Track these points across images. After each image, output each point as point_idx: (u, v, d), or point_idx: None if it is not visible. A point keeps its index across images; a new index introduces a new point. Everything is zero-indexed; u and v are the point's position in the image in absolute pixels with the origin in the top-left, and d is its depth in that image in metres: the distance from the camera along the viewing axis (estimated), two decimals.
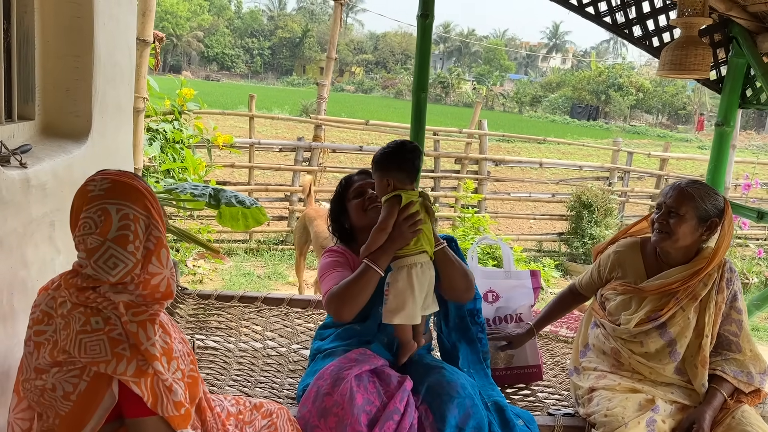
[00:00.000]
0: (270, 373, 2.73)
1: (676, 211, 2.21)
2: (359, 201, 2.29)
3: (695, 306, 2.26)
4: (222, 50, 55.44)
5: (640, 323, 2.29)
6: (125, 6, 3.04)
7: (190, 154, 4.80)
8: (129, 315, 1.45)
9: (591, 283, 2.56)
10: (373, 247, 2.09)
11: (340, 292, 2.08)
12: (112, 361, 1.40)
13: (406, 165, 2.11)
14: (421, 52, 3.46)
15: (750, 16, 3.54)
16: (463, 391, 2.04)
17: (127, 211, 1.46)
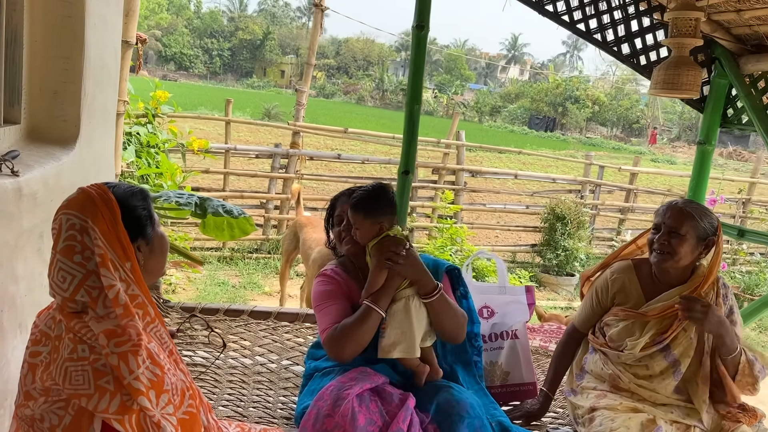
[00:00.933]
0: (262, 391, 2.66)
1: (677, 230, 2.21)
2: (338, 230, 2.26)
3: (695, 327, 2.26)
4: (180, 50, 54.46)
5: (645, 347, 2.28)
6: (113, 6, 2.91)
7: (166, 158, 4.65)
8: (111, 346, 1.34)
9: (591, 315, 2.51)
10: (373, 288, 2.08)
11: (342, 335, 2.05)
12: (94, 395, 1.31)
13: (394, 209, 2.17)
14: (415, 63, 3.43)
15: (733, 38, 3.63)
16: (472, 411, 2.02)
17: (74, 221, 1.39)
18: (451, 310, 2.19)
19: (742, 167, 26.16)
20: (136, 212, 1.49)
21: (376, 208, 2.12)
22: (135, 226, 1.48)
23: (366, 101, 49.51)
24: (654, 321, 2.29)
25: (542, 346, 3.41)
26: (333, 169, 10.00)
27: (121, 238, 1.42)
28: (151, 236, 1.53)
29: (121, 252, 1.41)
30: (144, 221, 1.51)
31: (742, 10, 3.31)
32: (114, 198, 1.44)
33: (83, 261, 1.37)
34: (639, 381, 2.31)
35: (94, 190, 1.44)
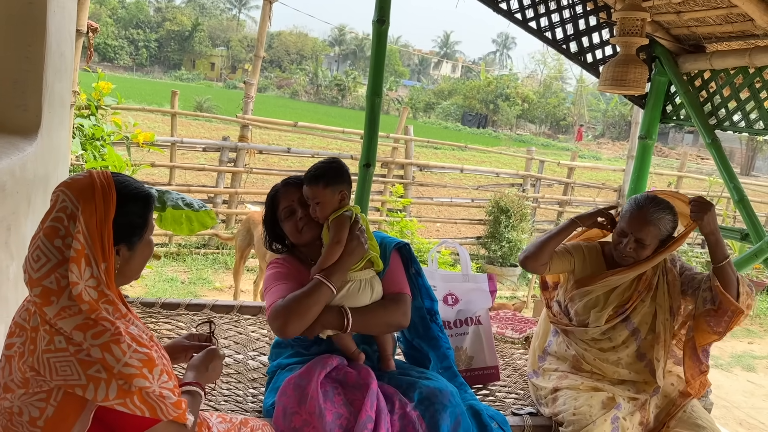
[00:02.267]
0: (231, 384, 2.64)
1: (643, 241, 2.36)
2: (291, 222, 2.17)
3: (651, 295, 2.45)
4: (104, 40, 52.25)
5: (609, 319, 2.43)
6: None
7: (113, 151, 4.49)
8: (89, 339, 1.30)
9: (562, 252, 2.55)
10: (326, 264, 2.03)
11: (288, 305, 1.96)
12: (89, 386, 1.28)
13: (349, 176, 2.17)
14: (376, 57, 3.47)
15: (672, 38, 3.84)
16: (453, 400, 2.07)
17: (66, 204, 1.35)
18: None
19: (663, 162, 27.52)
20: (131, 218, 1.44)
21: (335, 176, 2.10)
22: (124, 230, 1.43)
23: (300, 96, 49.00)
24: (616, 293, 2.45)
25: (499, 332, 3.53)
26: (272, 164, 9.91)
27: (105, 239, 1.37)
28: (135, 244, 1.47)
29: (100, 252, 1.37)
30: (135, 229, 1.46)
31: (682, 12, 3.50)
32: (115, 196, 1.39)
33: (63, 247, 1.33)
34: (604, 354, 2.45)
35: (100, 179, 1.40)
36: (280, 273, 2.16)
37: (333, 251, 2.04)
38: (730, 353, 5.95)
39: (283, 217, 2.19)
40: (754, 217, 3.43)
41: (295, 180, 2.23)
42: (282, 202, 2.18)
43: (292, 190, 2.19)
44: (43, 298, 1.32)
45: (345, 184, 2.13)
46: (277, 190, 2.23)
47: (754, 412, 4.70)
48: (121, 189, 1.42)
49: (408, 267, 2.36)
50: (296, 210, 2.16)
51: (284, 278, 2.13)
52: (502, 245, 7.56)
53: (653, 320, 2.45)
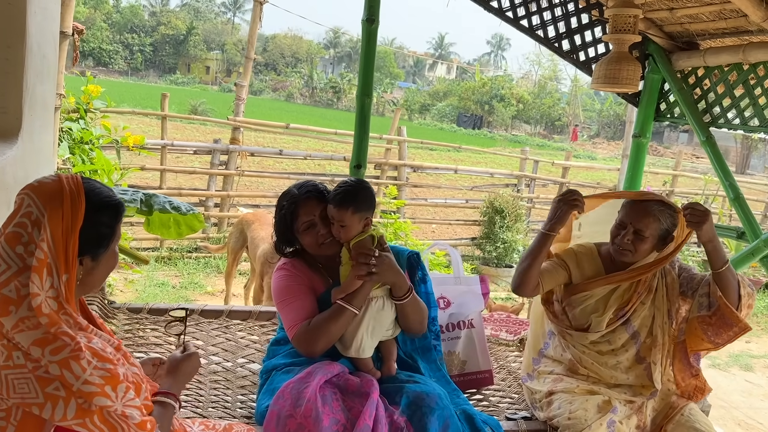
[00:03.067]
0: (219, 390, 2.59)
1: (641, 233, 2.30)
2: (311, 235, 2.15)
3: (651, 297, 2.40)
4: (99, 45, 52.24)
5: (610, 323, 2.38)
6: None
7: (102, 155, 4.44)
8: (47, 355, 1.24)
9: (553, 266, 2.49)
10: (349, 289, 2.06)
11: (315, 332, 2.04)
12: (46, 404, 1.23)
13: (375, 201, 2.17)
14: (366, 56, 3.41)
15: (665, 35, 3.80)
16: (441, 402, 2.03)
17: (32, 210, 1.29)
18: (419, 308, 2.22)
19: (658, 161, 27.57)
20: (99, 229, 1.38)
21: (364, 203, 2.10)
22: (91, 241, 1.37)
23: (295, 98, 49.00)
24: (616, 296, 2.39)
25: (493, 335, 3.48)
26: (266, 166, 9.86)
27: (69, 250, 1.31)
28: (101, 254, 1.41)
29: (63, 262, 1.31)
30: (102, 240, 1.40)
31: (675, 9, 3.46)
32: (84, 204, 1.33)
33: (24, 254, 1.27)
34: (603, 358, 2.40)
35: (70, 185, 1.33)
36: (291, 287, 2.17)
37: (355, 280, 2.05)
38: (728, 352, 5.91)
39: (301, 228, 2.15)
40: (750, 216, 3.39)
41: (315, 191, 2.18)
42: (302, 215, 2.14)
43: (313, 204, 2.14)
44: (1, 307, 1.25)
45: (371, 210, 2.14)
46: (297, 200, 2.16)
47: (752, 412, 4.66)
48: (92, 197, 1.36)
49: (414, 274, 2.35)
50: (317, 225, 2.13)
51: (297, 292, 2.15)
52: (497, 246, 7.53)
53: (652, 323, 2.40)
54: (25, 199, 1.30)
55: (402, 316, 2.20)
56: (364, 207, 2.10)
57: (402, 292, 2.13)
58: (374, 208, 2.17)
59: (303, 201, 2.14)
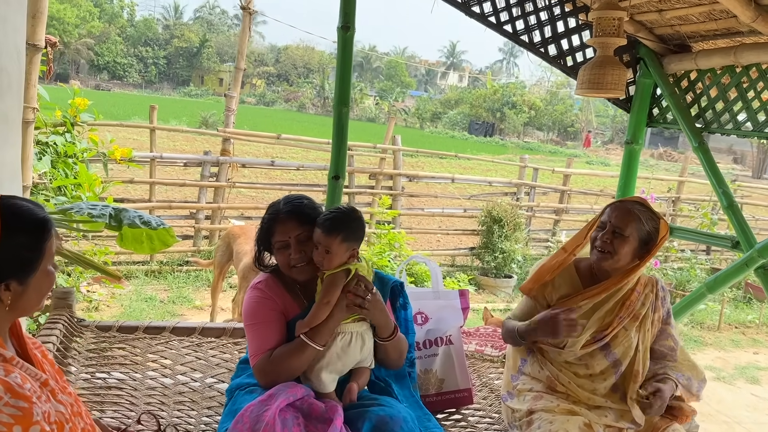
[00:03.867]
0: (183, 412, 2.50)
1: (621, 231, 2.20)
2: (284, 255, 2.05)
3: (636, 325, 2.28)
4: (113, 59, 52.95)
5: (586, 345, 2.27)
6: (14, 5, 2.70)
7: (85, 169, 4.39)
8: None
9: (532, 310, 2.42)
10: (314, 322, 1.96)
11: (275, 366, 1.98)
12: None
13: (364, 233, 2.08)
14: (342, 65, 3.32)
15: (656, 38, 3.69)
16: (405, 426, 1.93)
17: None
18: (400, 346, 2.15)
19: (672, 167, 27.25)
20: (19, 252, 1.30)
21: (354, 233, 2.01)
22: (12, 266, 1.29)
23: (307, 108, 49.24)
24: (595, 318, 2.28)
25: (478, 350, 3.36)
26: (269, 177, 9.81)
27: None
28: (28, 276, 1.32)
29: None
30: (24, 264, 1.31)
31: (664, 10, 3.36)
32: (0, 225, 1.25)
33: None
34: (579, 380, 2.29)
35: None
36: (260, 311, 2.07)
37: (320, 311, 1.96)
38: (734, 365, 5.72)
39: (276, 247, 2.06)
40: (744, 224, 3.25)
41: (298, 211, 2.06)
42: (278, 233, 2.04)
43: (292, 224, 2.03)
44: None
45: (359, 242, 2.04)
46: (276, 216, 2.06)
47: (756, 427, 4.48)
48: (9, 219, 1.27)
49: (395, 300, 2.28)
50: (290, 246, 2.03)
51: (264, 317, 2.06)
52: (495, 256, 7.38)
53: (635, 355, 2.27)
54: None
55: (382, 352, 2.12)
56: (353, 237, 2.00)
57: (387, 333, 2.06)
58: (362, 240, 2.07)
59: (282, 219, 2.04)
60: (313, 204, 2.11)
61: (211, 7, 68.64)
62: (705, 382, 2.38)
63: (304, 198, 2.13)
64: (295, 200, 2.10)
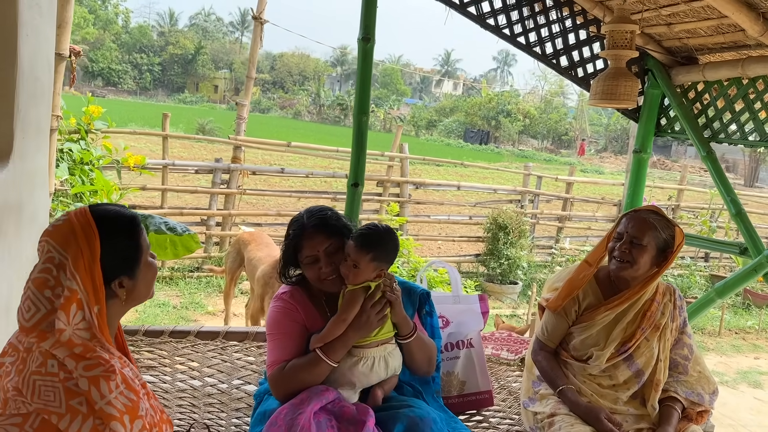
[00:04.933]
0: (213, 414, 2.57)
1: (639, 241, 2.25)
2: (314, 269, 2.05)
3: (657, 335, 2.34)
4: (108, 65, 52.90)
5: (611, 357, 2.32)
6: (47, 17, 2.77)
7: (101, 175, 4.46)
8: (80, 369, 1.29)
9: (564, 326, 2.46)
10: (329, 338, 1.97)
11: (286, 378, 1.98)
12: (65, 416, 1.26)
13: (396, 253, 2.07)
14: (362, 75, 3.41)
15: (664, 50, 3.79)
16: (436, 426, 1.98)
17: (53, 255, 1.35)
18: (425, 347, 2.17)
19: (666, 175, 27.47)
20: (121, 252, 1.43)
21: (387, 254, 2.01)
22: (119, 265, 1.42)
23: (303, 116, 49.31)
24: (617, 330, 2.33)
25: (494, 354, 3.43)
26: (273, 184, 9.90)
27: (95, 279, 1.36)
28: (135, 270, 1.46)
29: (93, 295, 1.36)
30: (128, 258, 1.44)
31: (672, 24, 3.45)
32: (97, 233, 1.38)
33: (52, 297, 1.33)
34: (602, 391, 2.34)
35: (79, 220, 1.39)
36: (282, 322, 2.09)
37: (336, 327, 1.97)
38: (736, 369, 5.82)
39: (304, 259, 2.06)
40: (752, 231, 3.34)
41: (324, 224, 2.06)
42: (306, 248, 2.04)
43: (321, 238, 2.03)
44: (39, 338, 1.33)
45: (389, 263, 2.03)
46: (303, 231, 2.05)
47: (761, 430, 4.57)
48: (102, 224, 1.40)
49: (421, 308, 2.31)
50: (320, 261, 2.04)
51: (286, 329, 2.07)
52: (501, 262, 7.47)
53: (656, 364, 2.33)
54: (45, 246, 1.37)
55: (408, 355, 2.14)
56: (384, 258, 2.00)
57: (407, 331, 2.09)
58: (392, 262, 2.06)
59: (309, 234, 2.04)
60: (336, 214, 2.12)
61: (207, 14, 68.78)
62: (717, 394, 2.42)
63: (327, 209, 2.13)
64: (319, 212, 2.09)
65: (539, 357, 2.51)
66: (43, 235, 1.39)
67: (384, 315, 1.99)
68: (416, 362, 2.17)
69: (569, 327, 2.45)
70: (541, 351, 2.52)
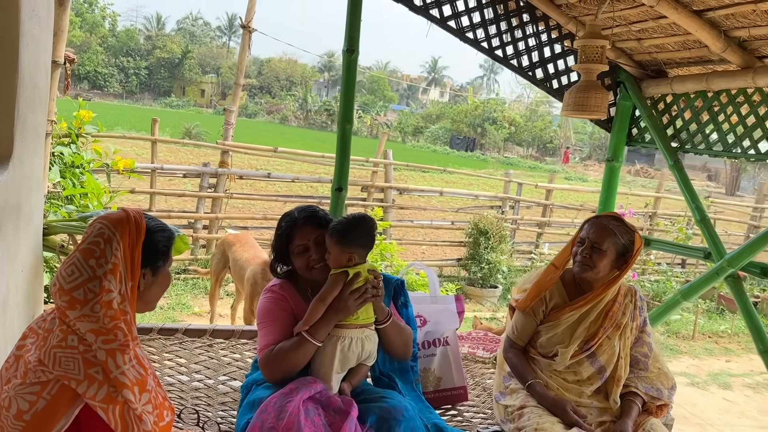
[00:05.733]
0: (200, 407, 2.66)
1: (599, 246, 2.41)
2: (303, 258, 2.23)
3: (618, 334, 2.49)
4: (94, 68, 52.62)
5: (575, 355, 2.48)
6: (44, 26, 2.90)
7: (92, 179, 4.55)
8: (99, 342, 1.44)
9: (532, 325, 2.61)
10: (311, 320, 2.11)
11: (275, 360, 2.11)
12: (84, 381, 1.41)
13: (370, 242, 2.21)
14: (346, 84, 3.56)
15: (635, 63, 3.97)
16: (407, 414, 2.11)
17: (104, 231, 1.52)
18: (401, 331, 2.32)
19: (649, 183, 27.83)
20: (157, 244, 1.63)
21: (353, 241, 2.15)
22: (151, 254, 1.61)
23: (290, 121, 49.31)
24: (582, 329, 2.49)
25: (470, 353, 3.56)
26: (259, 188, 10.01)
27: (135, 259, 1.55)
28: (159, 269, 1.66)
29: (130, 271, 1.53)
30: (159, 254, 1.64)
31: (642, 39, 3.63)
32: (145, 225, 1.59)
33: (96, 266, 1.48)
34: (567, 385, 2.50)
35: (132, 212, 1.59)
36: (273, 310, 2.23)
37: (316, 307, 2.12)
38: (707, 371, 6.01)
39: (294, 249, 2.23)
40: (715, 236, 3.52)
41: (314, 217, 2.26)
42: (297, 237, 2.22)
43: (310, 228, 2.22)
44: (69, 304, 1.46)
45: (358, 248, 2.16)
46: (294, 222, 2.24)
47: (727, 429, 4.75)
48: (149, 222, 1.63)
49: (397, 299, 2.47)
50: (310, 249, 2.21)
51: (276, 316, 2.22)
52: (482, 266, 7.64)
53: (617, 361, 2.49)
54: (98, 224, 1.54)
55: (385, 340, 2.28)
56: (348, 242, 2.14)
57: (383, 316, 2.23)
58: (361, 247, 2.18)
59: (301, 224, 2.22)
60: (324, 211, 2.31)
61: (194, 19, 68.61)
62: (675, 389, 2.58)
63: (316, 206, 2.34)
64: (309, 208, 2.30)
65: (509, 354, 2.67)
66: (97, 219, 1.57)
67: (362, 301, 2.13)
68: (393, 346, 2.32)
69: (537, 326, 2.60)
70: (511, 349, 2.67)
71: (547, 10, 3.78)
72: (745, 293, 3.39)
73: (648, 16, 3.38)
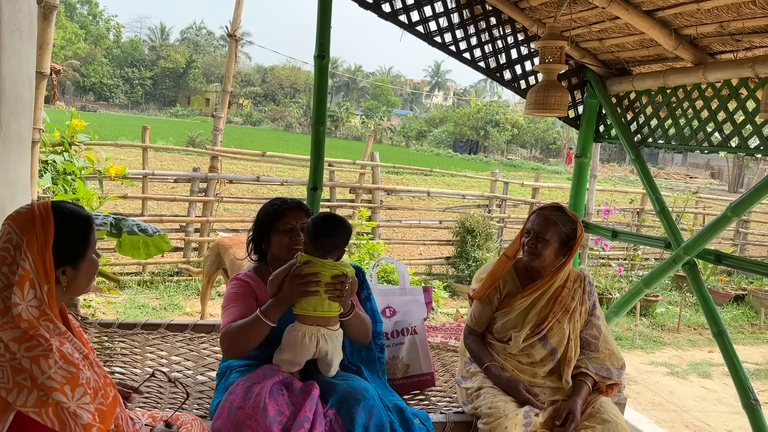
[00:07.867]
0: (178, 395, 2.80)
1: (543, 236, 2.58)
2: (286, 237, 2.42)
3: (568, 317, 2.65)
4: (100, 80, 53.16)
5: (527, 338, 2.64)
6: (27, 39, 3.07)
7: (83, 185, 4.75)
8: (21, 351, 1.48)
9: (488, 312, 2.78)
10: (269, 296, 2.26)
11: (231, 334, 2.23)
12: (13, 390, 1.45)
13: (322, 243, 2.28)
14: (318, 89, 3.72)
15: (600, 63, 4.10)
16: (367, 394, 2.26)
17: (12, 236, 1.54)
18: (362, 322, 2.47)
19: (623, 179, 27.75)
20: (70, 241, 1.62)
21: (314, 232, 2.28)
22: (65, 253, 1.61)
23: (294, 128, 49.58)
24: (533, 314, 2.65)
25: (443, 342, 3.71)
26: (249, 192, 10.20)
27: (46, 263, 1.55)
28: (79, 263, 1.64)
29: (43, 275, 1.55)
30: (75, 250, 1.63)
31: (603, 39, 3.76)
32: (53, 223, 1.58)
33: (9, 273, 1.52)
34: (522, 367, 2.66)
35: (40, 210, 1.59)
36: (237, 294, 2.40)
37: (269, 286, 2.28)
38: (689, 361, 6.11)
39: (279, 227, 2.42)
40: (673, 226, 3.65)
41: (301, 204, 2.50)
42: (287, 218, 2.42)
43: (300, 214, 2.45)
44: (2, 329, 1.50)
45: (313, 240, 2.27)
46: (287, 204, 2.46)
47: (702, 415, 4.85)
48: (60, 217, 1.61)
49: (360, 291, 2.62)
50: (296, 230, 2.42)
51: (239, 299, 2.38)
52: (469, 264, 7.79)
53: (568, 343, 2.65)
54: (6, 228, 1.57)
55: (347, 328, 2.43)
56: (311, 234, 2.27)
57: (346, 310, 2.37)
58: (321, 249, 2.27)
59: (293, 207, 2.45)
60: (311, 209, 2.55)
61: (198, 29, 69.13)
62: (624, 368, 2.73)
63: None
64: (296, 200, 2.54)
65: (469, 340, 2.84)
66: (7, 219, 1.57)
67: (304, 290, 2.23)
68: (354, 333, 2.46)
69: (493, 313, 2.77)
70: (470, 335, 2.85)
71: (512, 13, 3.91)
72: (701, 279, 3.52)
73: (605, 17, 3.51)
